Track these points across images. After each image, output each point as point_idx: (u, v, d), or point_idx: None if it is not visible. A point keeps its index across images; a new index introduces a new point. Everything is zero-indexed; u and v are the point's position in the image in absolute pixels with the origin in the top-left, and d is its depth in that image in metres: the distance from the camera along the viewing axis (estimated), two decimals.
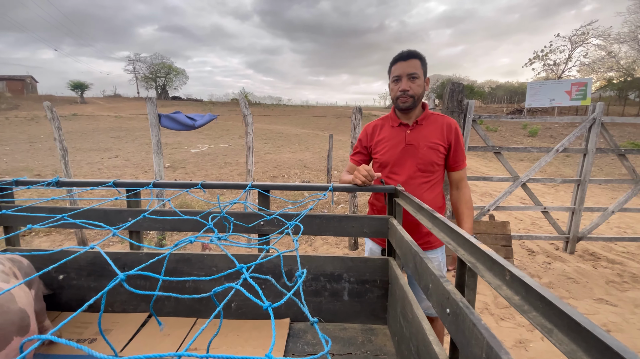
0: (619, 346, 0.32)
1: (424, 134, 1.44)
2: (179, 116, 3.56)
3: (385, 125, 1.54)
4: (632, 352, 0.31)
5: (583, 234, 3.66)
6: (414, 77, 1.37)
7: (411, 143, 1.44)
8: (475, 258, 0.64)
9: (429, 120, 1.46)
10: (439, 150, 1.43)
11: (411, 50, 1.39)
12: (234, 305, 1.28)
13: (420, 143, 1.43)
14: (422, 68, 1.38)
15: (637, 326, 2.42)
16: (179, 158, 10.23)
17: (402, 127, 1.48)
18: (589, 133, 3.40)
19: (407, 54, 1.38)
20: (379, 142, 1.52)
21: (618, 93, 28.60)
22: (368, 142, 1.57)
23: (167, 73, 48.03)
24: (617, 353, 0.32)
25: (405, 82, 1.38)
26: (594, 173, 9.44)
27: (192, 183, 1.34)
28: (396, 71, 1.40)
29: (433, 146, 1.42)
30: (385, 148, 1.49)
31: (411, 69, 1.36)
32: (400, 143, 1.46)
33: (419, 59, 1.37)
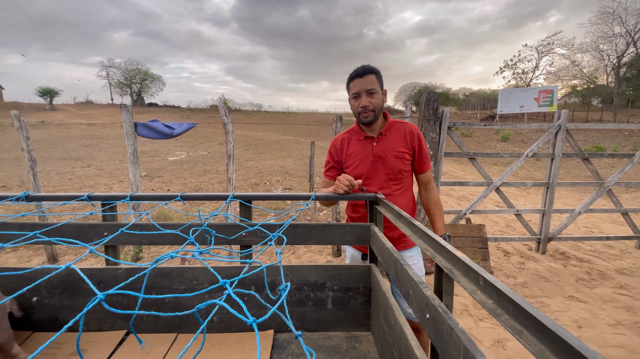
0: (581, 346, 0.35)
1: (390, 145, 1.50)
2: (156, 125, 3.47)
3: (352, 139, 1.58)
4: (592, 351, 0.34)
5: (553, 234, 3.84)
6: (372, 93, 1.43)
7: (379, 155, 1.50)
8: (451, 264, 0.67)
9: (392, 129, 1.53)
10: (404, 158, 1.50)
11: (366, 66, 1.45)
12: (216, 319, 1.26)
13: (387, 154, 1.49)
14: (378, 83, 1.44)
15: (605, 321, 2.55)
16: (155, 167, 9.95)
17: (368, 140, 1.53)
18: (555, 139, 3.60)
19: (362, 70, 1.43)
20: (348, 157, 1.57)
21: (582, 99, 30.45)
22: (339, 156, 1.61)
23: (143, 80, 46.83)
24: (579, 352, 0.34)
25: (364, 98, 1.44)
26: (562, 176, 9.97)
27: (171, 195, 1.31)
28: (355, 88, 1.45)
29: (399, 155, 1.49)
30: (355, 163, 1.54)
31: (368, 85, 1.42)
32: (369, 156, 1.51)
33: (374, 73, 1.44)
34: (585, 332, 2.42)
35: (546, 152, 3.67)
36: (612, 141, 15.48)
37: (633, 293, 3.00)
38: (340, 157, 1.60)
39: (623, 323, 2.53)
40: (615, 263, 3.72)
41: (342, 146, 1.60)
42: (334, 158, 1.63)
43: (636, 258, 3.88)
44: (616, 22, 26.69)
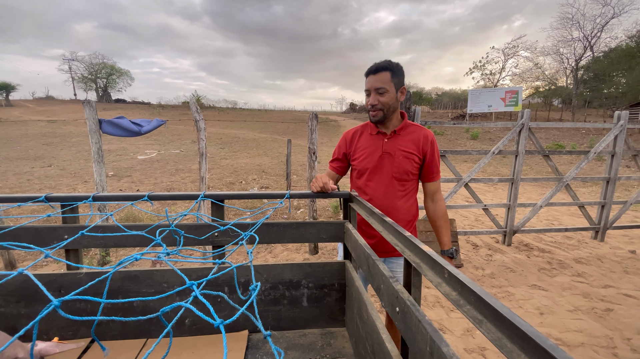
0: (533, 332, 0.37)
1: (401, 144, 1.47)
2: (122, 122, 3.31)
3: (365, 133, 1.56)
4: (543, 336, 0.36)
5: (518, 227, 4.06)
6: (381, 92, 1.39)
7: (388, 151, 1.47)
8: (419, 259, 0.69)
9: (407, 130, 1.49)
10: (413, 160, 1.46)
11: (382, 62, 1.40)
12: (187, 321, 1.22)
13: (396, 152, 1.46)
14: (392, 81, 1.39)
15: (565, 308, 2.73)
16: (124, 166, 9.51)
17: (379, 136, 1.51)
18: (519, 137, 3.80)
19: (375, 67, 1.40)
20: (357, 149, 1.55)
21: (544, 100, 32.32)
22: (347, 149, 1.59)
23: (109, 74, 44.50)
24: (531, 338, 0.37)
25: (373, 96, 1.41)
26: (526, 172, 10.54)
27: (138, 195, 1.26)
28: (366, 85, 1.43)
29: (408, 155, 1.45)
30: (363, 156, 1.52)
31: (378, 83, 1.39)
32: (378, 151, 1.49)
33: (389, 70, 1.39)
34: (547, 318, 2.57)
35: (511, 150, 3.87)
36: (571, 139, 16.56)
37: (589, 281, 3.23)
38: (350, 149, 1.58)
39: (581, 308, 2.72)
40: (574, 252, 3.99)
41: (353, 138, 1.58)
42: (342, 150, 1.61)
43: (592, 247, 4.19)
44: (575, 27, 28.55)
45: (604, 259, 3.79)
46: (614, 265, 3.63)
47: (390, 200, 1.47)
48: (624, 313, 2.64)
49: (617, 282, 3.21)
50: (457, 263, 3.46)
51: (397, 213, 1.48)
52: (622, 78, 26.50)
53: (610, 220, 4.25)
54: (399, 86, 1.42)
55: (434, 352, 0.51)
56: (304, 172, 9.06)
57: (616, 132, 3.98)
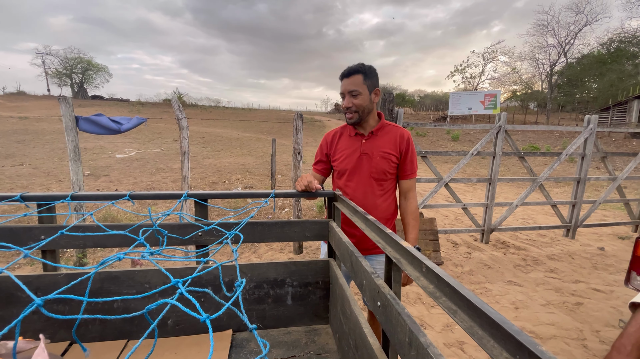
0: (501, 319, 0.40)
1: (378, 144, 1.51)
2: (101, 119, 3.21)
3: (344, 134, 1.60)
4: (509, 322, 0.39)
5: (495, 226, 4.21)
6: (355, 94, 1.43)
7: (366, 152, 1.51)
8: (399, 254, 0.72)
9: (384, 130, 1.54)
10: (391, 160, 1.50)
11: (354, 66, 1.44)
12: (170, 322, 1.21)
13: (374, 153, 1.50)
14: (365, 83, 1.43)
15: (538, 302, 2.86)
16: (101, 165, 9.19)
17: (358, 137, 1.54)
18: (496, 139, 3.94)
19: (347, 71, 1.43)
20: (337, 150, 1.59)
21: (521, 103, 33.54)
22: (329, 149, 1.62)
23: (86, 70, 42.86)
24: (499, 324, 0.40)
25: (347, 99, 1.45)
26: (503, 172, 10.91)
27: (118, 194, 1.23)
28: (341, 88, 1.47)
29: (385, 155, 1.49)
30: (342, 157, 1.56)
31: (351, 86, 1.42)
32: (356, 152, 1.52)
33: (361, 73, 1.42)
34: (522, 312, 2.69)
35: (489, 151, 4.01)
36: (546, 141, 17.27)
37: (561, 276, 3.40)
38: (330, 150, 1.62)
39: (553, 302, 2.86)
40: (547, 249, 4.18)
41: (333, 139, 1.62)
42: (324, 151, 1.64)
43: (564, 244, 4.40)
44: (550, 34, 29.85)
45: (574, 256, 3.99)
46: (584, 261, 3.83)
47: (370, 199, 1.51)
48: (593, 306, 2.80)
49: (586, 277, 3.38)
50: (437, 260, 3.56)
51: (377, 211, 1.52)
52: (593, 83, 27.90)
53: (580, 219, 4.47)
54: (372, 88, 1.46)
55: (412, 342, 0.54)
56: (288, 172, 9.05)
57: (586, 135, 4.19)
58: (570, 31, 29.05)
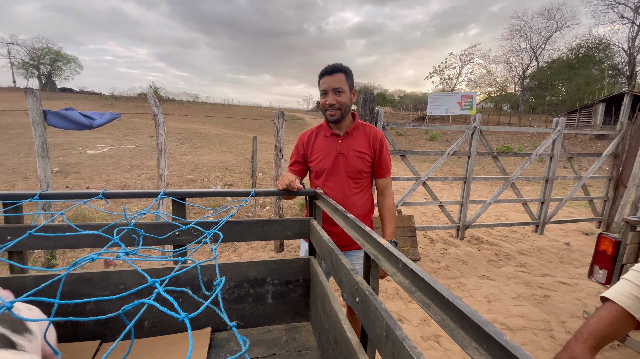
0: (470, 311, 0.42)
1: (353, 144, 1.54)
2: (71, 114, 3.06)
3: (319, 134, 1.62)
4: (477, 314, 0.42)
5: (470, 223, 4.36)
6: (339, 91, 1.45)
7: (342, 152, 1.54)
8: (377, 251, 0.74)
9: (359, 130, 1.57)
10: (366, 159, 1.54)
11: (336, 64, 1.47)
12: (147, 323, 1.18)
13: (349, 153, 1.53)
14: (347, 82, 1.47)
15: (509, 296, 3.00)
16: (71, 161, 8.76)
17: (333, 137, 1.57)
18: (471, 139, 4.08)
19: (331, 68, 1.45)
20: (313, 151, 1.60)
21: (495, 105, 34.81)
22: (305, 150, 1.64)
23: (54, 61, 40.59)
24: (468, 316, 0.42)
25: (331, 96, 1.46)
26: (478, 171, 11.31)
27: (91, 193, 1.19)
28: (323, 85, 1.48)
29: (360, 155, 1.53)
30: (319, 157, 1.58)
31: (336, 84, 1.44)
32: (332, 152, 1.55)
33: (343, 72, 1.46)
34: (494, 306, 2.81)
35: (464, 151, 4.14)
36: (518, 141, 18.03)
37: (530, 270, 3.58)
38: (307, 150, 1.63)
39: (523, 296, 3.00)
40: (517, 245, 4.38)
41: (308, 140, 1.63)
42: (300, 151, 1.65)
43: (533, 240, 4.62)
44: (523, 39, 31.15)
45: (543, 251, 4.20)
46: (551, 256, 4.04)
47: (348, 197, 1.55)
48: (559, 298, 2.96)
49: (553, 271, 3.58)
50: (414, 257, 3.65)
51: (354, 208, 1.56)
52: (562, 87, 29.41)
53: (548, 216, 4.71)
54: (351, 88, 1.50)
55: (389, 336, 0.56)
56: (270, 170, 8.97)
57: (554, 136, 4.41)
58: (541, 36, 30.48)
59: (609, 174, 4.93)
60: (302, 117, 29.77)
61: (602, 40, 27.89)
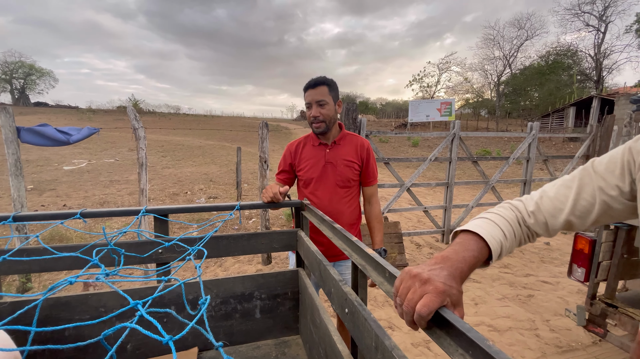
0: (454, 318, 0.43)
1: (341, 153, 1.58)
2: (46, 130, 2.96)
3: (307, 144, 1.65)
4: (461, 321, 0.43)
5: (454, 226, 4.45)
6: (322, 104, 1.49)
7: (330, 161, 1.57)
8: (365, 261, 0.74)
9: (346, 140, 1.61)
10: (354, 168, 1.58)
11: (319, 78, 1.51)
12: (130, 346, 1.14)
13: (338, 161, 1.57)
14: (330, 94, 1.50)
15: (495, 297, 3.05)
16: (46, 178, 8.43)
17: (322, 147, 1.60)
18: (451, 145, 4.19)
19: (314, 82, 1.49)
20: (302, 160, 1.63)
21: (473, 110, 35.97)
22: (293, 160, 1.66)
23: (28, 75, 39.34)
24: (453, 324, 0.43)
25: (315, 109, 1.49)
26: (460, 176, 11.59)
27: (68, 213, 1.15)
28: (307, 98, 1.51)
29: (348, 164, 1.57)
30: (307, 166, 1.60)
31: (319, 97, 1.48)
32: (321, 161, 1.58)
33: (326, 85, 1.50)
34: (481, 308, 2.86)
35: (445, 156, 4.25)
36: (496, 145, 18.64)
37: (514, 271, 3.66)
38: (294, 160, 1.65)
39: (508, 296, 3.07)
40: None
41: (297, 150, 1.65)
42: (287, 161, 1.67)
43: None
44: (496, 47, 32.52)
45: (524, 251, 4.32)
46: (533, 255, 4.16)
47: (336, 206, 1.57)
48: (542, 297, 3.04)
49: (535, 271, 3.68)
50: (402, 262, 3.68)
51: (342, 217, 1.59)
52: (535, 92, 30.73)
53: None
54: (336, 99, 1.54)
55: (378, 346, 0.56)
56: (255, 181, 8.90)
57: (529, 140, 4.60)
58: (513, 45, 31.91)
59: None
60: (287, 127, 29.84)
61: (570, 47, 29.47)
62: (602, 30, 26.49)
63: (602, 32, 26.54)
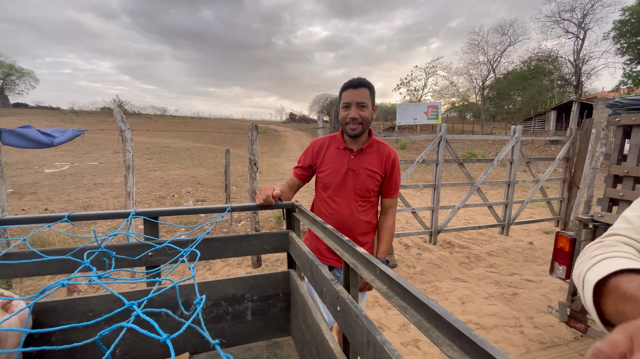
0: (442, 311, 0.46)
1: (365, 161, 1.51)
2: (28, 131, 2.88)
3: (332, 146, 1.58)
4: (449, 313, 0.45)
5: (441, 227, 4.53)
6: (363, 106, 1.42)
7: (352, 168, 1.50)
8: (356, 260, 0.76)
9: (373, 148, 1.54)
10: (376, 178, 1.51)
11: (362, 79, 1.45)
12: (119, 351, 1.12)
13: (360, 170, 1.50)
14: (370, 98, 1.44)
15: (481, 296, 3.12)
16: (27, 181, 8.17)
17: (346, 152, 1.53)
18: (438, 148, 4.28)
19: (357, 82, 1.43)
20: (323, 162, 1.57)
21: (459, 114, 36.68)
22: (314, 160, 1.60)
23: (7, 75, 38.01)
24: (441, 316, 0.45)
25: (354, 110, 1.43)
26: (446, 178, 11.80)
27: (55, 216, 1.13)
28: (346, 98, 1.44)
29: (371, 174, 1.50)
30: (329, 170, 1.54)
31: (360, 98, 1.42)
32: (343, 167, 1.52)
33: (368, 88, 1.43)
34: (468, 306, 2.92)
35: (432, 159, 4.33)
36: (482, 148, 19.06)
37: (499, 270, 3.75)
38: (316, 160, 1.60)
39: (494, 295, 3.14)
40: (486, 247, 4.59)
41: (320, 150, 1.60)
42: (307, 160, 1.61)
43: (500, 241, 4.87)
44: (480, 52, 33.35)
45: (509, 251, 4.43)
46: (517, 255, 4.28)
47: (353, 214, 1.52)
48: (526, 295, 3.13)
49: (520, 269, 3.78)
50: (391, 263, 3.72)
51: (359, 226, 1.54)
52: (518, 96, 31.65)
53: (512, 217, 4.99)
54: (373, 104, 1.49)
55: (370, 342, 0.58)
56: (244, 183, 8.85)
57: (513, 143, 4.73)
58: (497, 50, 32.81)
59: (563, 176, 5.34)
60: (276, 129, 29.75)
61: (551, 53, 30.51)
62: (581, 37, 27.54)
63: (581, 39, 27.59)
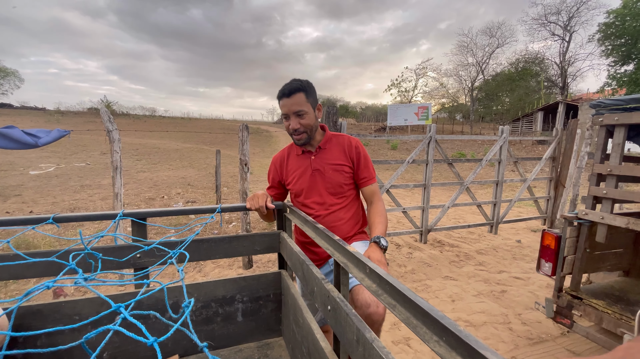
0: (429, 307, 0.46)
1: (328, 157, 1.45)
2: (13, 132, 2.80)
3: (291, 154, 1.54)
4: (435, 309, 0.46)
5: (432, 226, 4.58)
6: (301, 114, 1.36)
7: (317, 168, 1.45)
8: (346, 259, 0.77)
9: (331, 143, 1.48)
10: (344, 171, 1.44)
11: (293, 84, 1.36)
12: (106, 355, 1.10)
13: (325, 167, 1.44)
14: (308, 101, 1.36)
15: (471, 294, 3.17)
16: (11, 183, 7.95)
17: (306, 154, 1.49)
18: (428, 148, 4.33)
19: (288, 90, 1.35)
20: (288, 173, 1.53)
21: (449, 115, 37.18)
22: (280, 176, 1.56)
23: None
24: (427, 312, 0.46)
25: (294, 120, 1.37)
26: (436, 177, 11.94)
27: (39, 218, 1.10)
28: (283, 109, 1.38)
29: (337, 168, 1.44)
30: (295, 178, 1.49)
31: (296, 107, 1.34)
32: (307, 170, 1.46)
33: (302, 91, 1.35)
34: (458, 304, 2.96)
35: (422, 159, 4.38)
36: (471, 148, 19.35)
37: (488, 268, 3.81)
38: (282, 174, 1.55)
39: (483, 292, 3.19)
40: (476, 245, 4.66)
41: (281, 164, 1.56)
42: (275, 176, 1.57)
43: (489, 240, 4.94)
44: (469, 54, 33.84)
45: (498, 249, 4.51)
46: (506, 253, 4.35)
47: (333, 214, 1.45)
48: (515, 293, 3.19)
49: (508, 267, 3.85)
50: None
51: (341, 223, 1.46)
52: (506, 98, 32.24)
53: (500, 216, 5.08)
54: (314, 104, 1.42)
55: (359, 340, 0.59)
56: (235, 184, 8.78)
57: (501, 143, 4.81)
58: (485, 52, 33.33)
59: (549, 175, 5.45)
60: (267, 130, 29.62)
61: (537, 55, 31.17)
62: (567, 40, 28.20)
63: (567, 41, 28.25)
